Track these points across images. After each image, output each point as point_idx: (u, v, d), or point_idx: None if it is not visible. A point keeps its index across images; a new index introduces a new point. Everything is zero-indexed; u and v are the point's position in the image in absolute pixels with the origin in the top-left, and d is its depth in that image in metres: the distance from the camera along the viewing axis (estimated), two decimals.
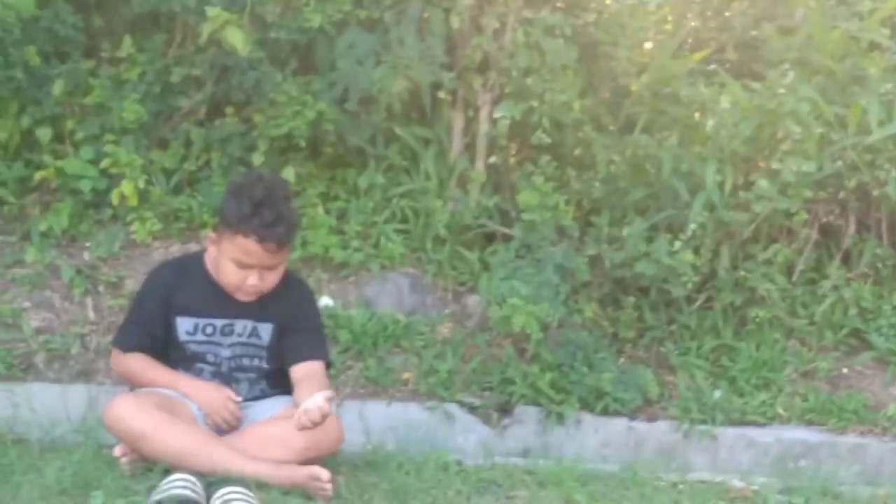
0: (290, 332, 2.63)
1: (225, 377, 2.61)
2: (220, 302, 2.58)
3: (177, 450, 2.34)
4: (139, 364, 2.58)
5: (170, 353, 2.61)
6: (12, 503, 2.27)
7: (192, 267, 2.65)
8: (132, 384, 2.65)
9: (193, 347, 2.59)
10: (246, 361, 2.65)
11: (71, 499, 2.25)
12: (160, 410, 2.39)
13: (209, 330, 2.59)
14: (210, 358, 2.61)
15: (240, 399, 2.59)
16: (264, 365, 2.63)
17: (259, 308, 2.54)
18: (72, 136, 3.37)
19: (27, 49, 3.16)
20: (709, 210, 3.19)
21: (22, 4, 3.11)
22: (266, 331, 2.59)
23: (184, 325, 2.55)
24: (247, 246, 2.41)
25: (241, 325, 2.56)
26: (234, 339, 2.60)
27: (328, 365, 2.71)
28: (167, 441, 2.35)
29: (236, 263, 2.46)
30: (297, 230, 2.80)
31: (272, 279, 2.50)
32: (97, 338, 3.21)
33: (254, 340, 2.60)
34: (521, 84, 3.33)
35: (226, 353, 2.60)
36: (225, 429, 2.53)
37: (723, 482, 2.79)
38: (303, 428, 2.37)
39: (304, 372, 2.61)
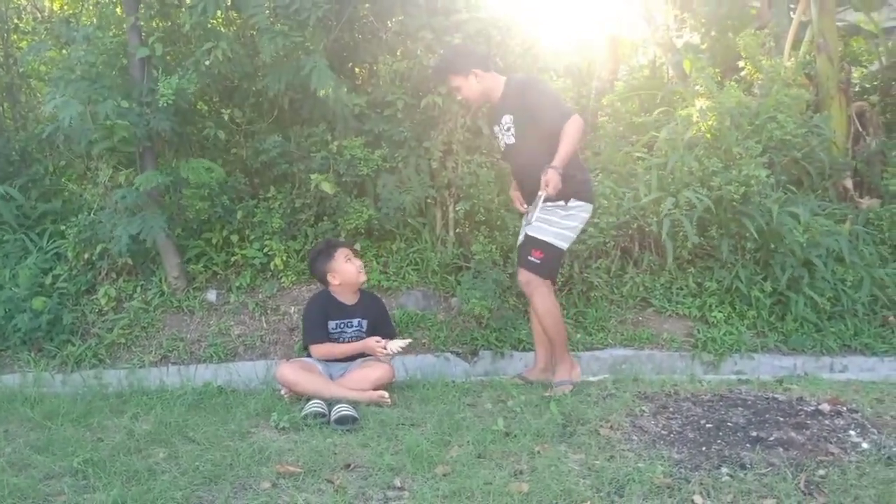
0: (378, 322, 3.82)
1: None
2: (344, 310, 3.79)
3: (310, 389, 3.39)
4: (327, 348, 3.71)
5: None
6: (231, 419, 3.17)
7: (325, 295, 3.82)
8: (330, 360, 3.66)
9: (335, 334, 3.76)
10: (355, 335, 3.78)
11: (261, 418, 3.18)
12: (301, 370, 3.50)
13: (342, 326, 3.78)
14: (340, 337, 3.75)
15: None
16: (363, 337, 3.74)
17: (361, 312, 3.78)
18: (248, 237, 4.71)
19: (222, 197, 4.68)
20: None
21: (218, 175, 4.50)
22: (364, 323, 3.81)
23: (331, 324, 3.75)
24: (343, 251, 3.74)
25: (355, 321, 3.78)
26: (352, 328, 3.79)
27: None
28: (305, 384, 3.43)
29: (347, 261, 3.69)
30: (344, 243, 3.89)
31: (360, 264, 3.77)
32: (269, 336, 4.45)
33: (359, 327, 3.79)
34: (467, 192, 4.65)
35: (347, 335, 3.77)
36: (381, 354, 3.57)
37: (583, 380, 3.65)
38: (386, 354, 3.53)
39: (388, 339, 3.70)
